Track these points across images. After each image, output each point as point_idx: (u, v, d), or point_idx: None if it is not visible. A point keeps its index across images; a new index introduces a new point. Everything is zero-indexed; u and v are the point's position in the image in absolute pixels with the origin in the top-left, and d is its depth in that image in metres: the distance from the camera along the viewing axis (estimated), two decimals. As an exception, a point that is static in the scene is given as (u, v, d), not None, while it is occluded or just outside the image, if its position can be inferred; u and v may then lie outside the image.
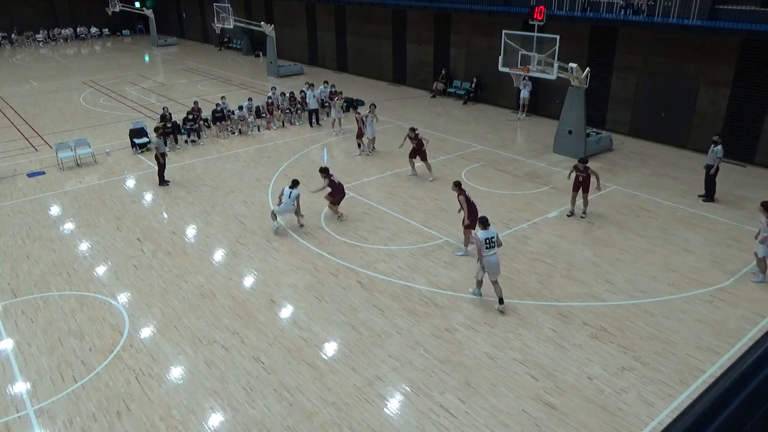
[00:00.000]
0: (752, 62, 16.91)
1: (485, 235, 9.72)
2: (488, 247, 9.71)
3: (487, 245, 9.70)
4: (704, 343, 9.15)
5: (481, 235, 9.73)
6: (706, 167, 14.56)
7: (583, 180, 13.45)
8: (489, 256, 9.73)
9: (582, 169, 13.43)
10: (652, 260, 11.78)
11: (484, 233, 9.74)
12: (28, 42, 47.71)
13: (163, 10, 48.90)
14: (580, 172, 13.47)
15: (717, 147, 14.15)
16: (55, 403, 8.11)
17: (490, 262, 9.77)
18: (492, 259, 9.76)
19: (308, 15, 34.41)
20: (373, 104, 18.72)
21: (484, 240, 9.68)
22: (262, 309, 10.30)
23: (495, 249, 9.80)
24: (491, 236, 9.75)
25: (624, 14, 18.99)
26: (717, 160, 14.13)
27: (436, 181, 16.18)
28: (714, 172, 14.28)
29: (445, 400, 8.02)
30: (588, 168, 13.42)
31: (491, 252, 9.74)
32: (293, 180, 13.18)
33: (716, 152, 14.13)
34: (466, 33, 25.55)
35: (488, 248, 9.71)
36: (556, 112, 20.08)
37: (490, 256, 9.73)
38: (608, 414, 7.73)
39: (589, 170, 13.41)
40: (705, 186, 14.73)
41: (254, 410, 7.89)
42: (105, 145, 19.78)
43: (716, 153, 14.13)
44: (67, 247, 12.79)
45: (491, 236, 9.75)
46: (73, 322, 10.02)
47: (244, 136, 20.88)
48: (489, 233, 9.75)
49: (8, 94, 28.40)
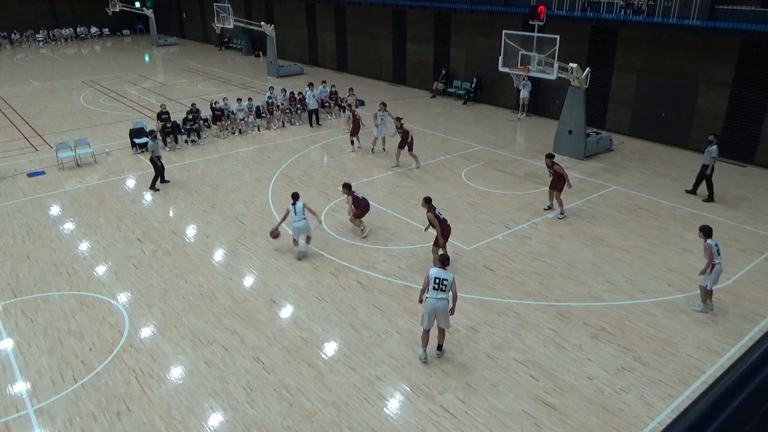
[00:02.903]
0: (752, 62, 16.91)
1: (437, 274, 8.35)
2: (435, 287, 8.32)
3: (435, 286, 8.33)
4: (704, 343, 9.15)
5: (432, 273, 8.38)
6: (702, 167, 14.65)
7: (552, 176, 13.41)
8: (431, 299, 8.34)
9: (549, 164, 13.41)
10: (652, 260, 11.78)
11: (436, 272, 8.38)
12: (28, 42, 47.71)
13: (163, 10, 48.90)
14: (548, 167, 13.47)
15: (712, 147, 14.24)
16: (55, 403, 8.11)
17: (427, 305, 8.36)
18: (431, 303, 8.31)
19: (308, 15, 34.41)
20: (383, 103, 18.74)
21: (433, 279, 8.33)
22: (262, 309, 10.30)
23: (443, 294, 8.32)
24: (445, 278, 8.31)
25: (624, 14, 19.00)
26: (712, 159, 14.21)
27: (437, 181, 16.18)
28: (710, 172, 14.35)
29: (445, 400, 8.02)
30: (555, 164, 13.33)
31: (437, 295, 8.31)
32: (293, 194, 12.04)
33: (711, 152, 14.23)
34: (466, 33, 25.55)
35: (435, 289, 8.31)
36: (556, 112, 20.09)
37: (433, 298, 8.33)
38: (608, 414, 7.73)
39: (555, 166, 13.29)
40: (695, 181, 14.90)
41: (254, 410, 7.89)
42: (105, 145, 19.78)
43: (711, 153, 14.22)
44: (67, 247, 12.79)
45: (445, 278, 8.31)
46: (73, 321, 10.02)
47: (244, 136, 20.88)
48: (443, 274, 8.36)
49: (8, 94, 28.40)
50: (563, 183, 13.35)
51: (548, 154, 13.69)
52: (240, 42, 40.89)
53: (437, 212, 11.16)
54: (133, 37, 51.52)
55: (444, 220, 11.20)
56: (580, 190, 15.39)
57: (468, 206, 14.55)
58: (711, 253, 9.49)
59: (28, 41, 47.79)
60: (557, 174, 13.31)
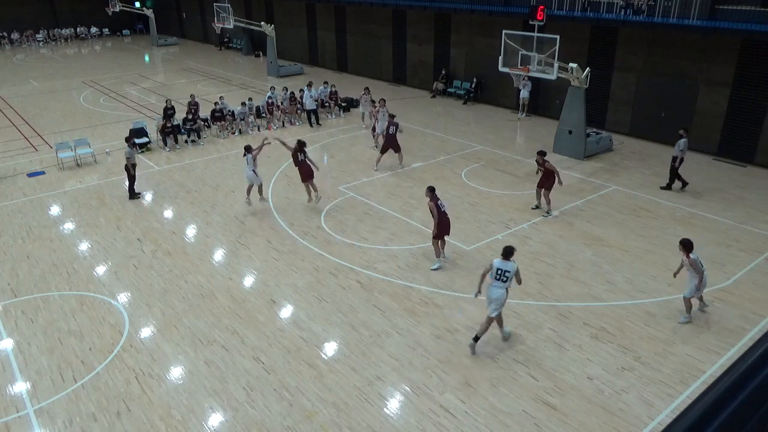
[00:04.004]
0: (752, 62, 16.92)
1: (500, 265, 8.67)
2: (497, 278, 8.65)
3: (497, 276, 8.65)
4: (704, 343, 9.15)
5: (495, 264, 8.70)
6: (672, 159, 15.19)
7: (543, 174, 13.45)
8: (493, 287, 8.68)
9: (540, 162, 13.46)
10: (652, 260, 11.78)
11: (499, 263, 8.69)
12: (28, 42, 47.71)
13: (163, 10, 48.89)
14: (539, 165, 13.50)
15: (682, 140, 14.72)
16: (55, 403, 8.11)
17: (489, 293, 8.71)
18: (492, 291, 8.66)
19: (308, 15, 34.41)
20: (383, 99, 18.75)
21: (496, 269, 8.66)
22: (262, 309, 10.31)
23: (503, 284, 8.63)
24: (507, 269, 8.62)
25: (624, 14, 18.99)
26: (680, 152, 14.79)
27: (437, 181, 16.15)
28: (678, 164, 14.94)
29: (445, 400, 8.02)
30: (546, 161, 13.37)
31: (497, 284, 8.65)
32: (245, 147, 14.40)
33: (679, 145, 14.74)
34: (466, 33, 25.55)
35: (496, 279, 8.66)
36: (556, 112, 20.09)
37: (494, 287, 8.67)
38: (608, 414, 7.73)
39: (547, 163, 13.32)
40: (669, 176, 15.43)
41: (254, 410, 7.89)
42: (105, 145, 19.78)
43: (679, 146, 14.76)
44: (67, 247, 12.79)
45: (507, 269, 8.62)
46: (73, 322, 10.02)
47: (244, 136, 20.87)
48: (506, 265, 8.66)
49: (8, 94, 28.40)
50: (553, 181, 13.42)
51: (540, 151, 13.73)
52: (240, 42, 40.88)
53: (439, 203, 11.10)
54: (133, 37, 51.51)
55: (444, 213, 11.17)
56: (580, 190, 15.39)
57: (468, 206, 14.55)
58: (698, 268, 9.20)
59: (28, 41, 47.79)
60: (548, 171, 13.39)
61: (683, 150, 14.76)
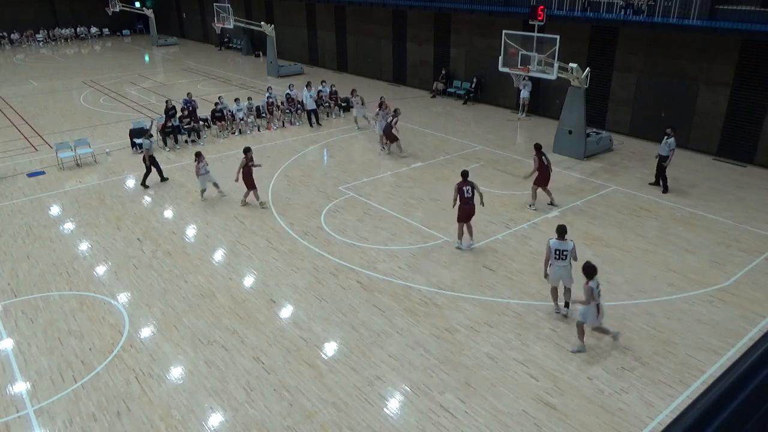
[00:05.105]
0: (752, 62, 16.91)
1: (557, 246, 9.46)
2: (557, 258, 9.48)
3: (557, 256, 9.47)
4: (704, 343, 9.15)
5: (552, 245, 9.50)
6: (657, 157, 15.23)
7: (537, 170, 13.65)
8: (555, 266, 9.52)
9: (537, 156, 13.63)
10: (652, 260, 11.78)
11: (556, 244, 9.48)
12: (28, 42, 47.71)
13: (163, 10, 48.90)
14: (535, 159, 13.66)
15: (670, 139, 14.78)
16: (55, 403, 8.11)
17: (552, 273, 9.62)
18: (555, 270, 9.57)
19: (308, 15, 34.41)
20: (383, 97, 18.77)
21: (554, 250, 9.47)
22: (262, 309, 10.30)
23: (565, 262, 9.48)
24: (564, 249, 9.43)
25: (624, 14, 18.99)
26: (671, 152, 14.82)
27: (437, 181, 16.18)
28: (667, 164, 15.01)
29: (445, 400, 8.02)
30: (543, 153, 13.64)
31: (559, 263, 9.48)
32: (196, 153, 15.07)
33: (669, 144, 14.77)
34: (466, 33, 25.55)
35: (557, 258, 9.48)
36: (556, 112, 20.09)
37: (556, 266, 9.51)
38: (608, 414, 7.73)
39: (543, 157, 13.60)
40: (656, 174, 15.48)
41: (254, 410, 7.89)
42: (105, 145, 19.78)
43: (670, 145, 14.78)
44: (67, 247, 12.79)
45: (564, 249, 9.43)
46: (73, 321, 10.02)
47: (243, 136, 20.87)
48: (562, 245, 9.44)
49: (8, 94, 28.40)
50: (547, 176, 13.72)
51: (535, 145, 13.95)
52: (240, 42, 40.88)
53: (465, 189, 11.89)
54: (133, 37, 51.51)
55: (467, 199, 11.85)
56: (580, 190, 15.40)
57: (468, 206, 14.54)
58: (591, 295, 8.48)
59: (28, 41, 47.80)
60: (542, 165, 13.59)
61: (673, 149, 14.81)
